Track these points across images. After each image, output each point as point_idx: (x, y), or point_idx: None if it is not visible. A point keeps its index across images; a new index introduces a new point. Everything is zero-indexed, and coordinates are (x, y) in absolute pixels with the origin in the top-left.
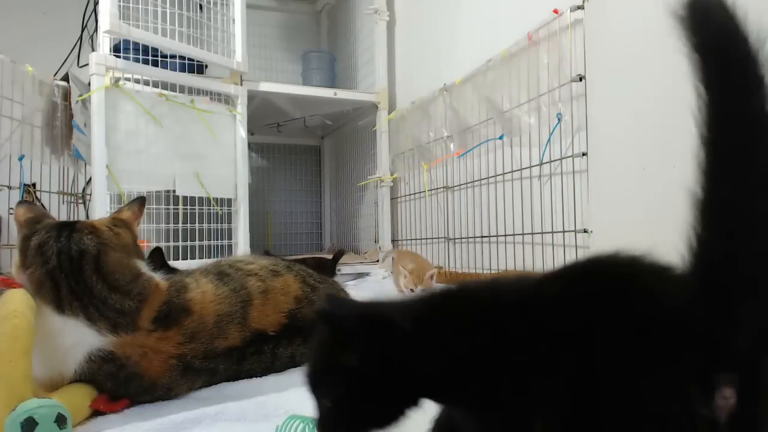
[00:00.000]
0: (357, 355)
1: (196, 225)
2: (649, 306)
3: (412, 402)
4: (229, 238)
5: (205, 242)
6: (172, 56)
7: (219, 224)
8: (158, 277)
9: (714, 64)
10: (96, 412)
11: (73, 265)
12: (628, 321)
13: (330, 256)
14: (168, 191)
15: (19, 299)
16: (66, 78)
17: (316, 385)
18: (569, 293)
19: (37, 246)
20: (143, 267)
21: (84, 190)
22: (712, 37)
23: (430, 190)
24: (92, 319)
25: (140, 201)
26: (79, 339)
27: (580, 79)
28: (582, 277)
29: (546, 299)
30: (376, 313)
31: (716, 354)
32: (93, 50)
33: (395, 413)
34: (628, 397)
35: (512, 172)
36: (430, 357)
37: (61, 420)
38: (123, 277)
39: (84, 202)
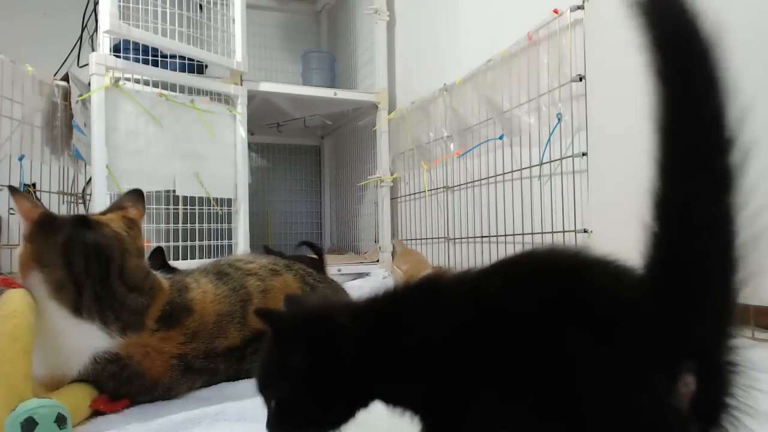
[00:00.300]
0: (299, 355)
1: (196, 225)
2: (598, 298)
3: (362, 403)
4: (229, 238)
5: (205, 242)
6: (172, 56)
7: (219, 224)
8: (160, 276)
9: (673, 58)
10: (96, 412)
11: (102, 270)
12: (577, 313)
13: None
14: (168, 191)
15: (19, 299)
16: (66, 78)
17: (264, 385)
18: (515, 287)
19: (61, 245)
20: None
21: (84, 190)
22: (672, 29)
23: (430, 190)
24: (107, 322)
25: (141, 196)
26: (87, 341)
27: (580, 79)
28: (526, 272)
29: (488, 295)
30: (319, 312)
31: (675, 342)
32: (93, 50)
33: (344, 414)
34: (590, 388)
35: (512, 172)
36: (377, 356)
37: (61, 420)
38: (138, 278)
39: (84, 202)
